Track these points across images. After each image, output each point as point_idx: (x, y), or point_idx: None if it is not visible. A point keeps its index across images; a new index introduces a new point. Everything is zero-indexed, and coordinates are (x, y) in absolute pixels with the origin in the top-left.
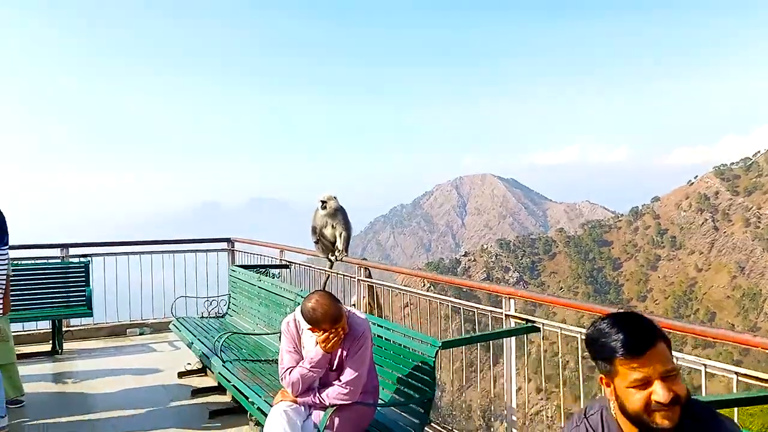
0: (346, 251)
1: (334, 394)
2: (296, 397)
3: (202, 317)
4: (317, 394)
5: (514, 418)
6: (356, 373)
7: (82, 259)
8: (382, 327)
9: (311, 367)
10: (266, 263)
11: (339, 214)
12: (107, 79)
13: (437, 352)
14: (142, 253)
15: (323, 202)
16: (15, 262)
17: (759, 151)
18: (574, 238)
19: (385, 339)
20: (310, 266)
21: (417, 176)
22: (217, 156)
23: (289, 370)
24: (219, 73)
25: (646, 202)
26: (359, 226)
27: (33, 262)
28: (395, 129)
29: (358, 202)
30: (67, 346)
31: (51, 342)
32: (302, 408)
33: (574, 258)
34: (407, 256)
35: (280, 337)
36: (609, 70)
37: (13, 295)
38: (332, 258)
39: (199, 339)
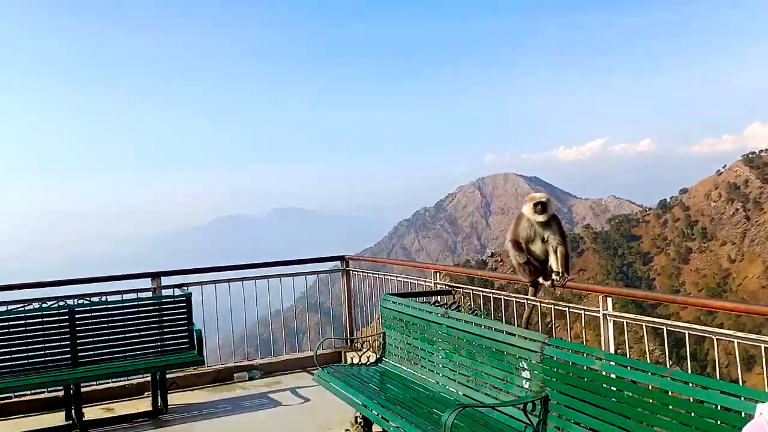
0: (568, 273)
1: None
2: None
3: (353, 364)
4: None
5: None
6: None
7: (180, 291)
8: None
9: None
10: (411, 290)
11: (554, 222)
12: (134, 98)
13: None
14: (245, 279)
15: (540, 204)
16: (96, 298)
17: None
18: (602, 234)
19: None
20: (489, 293)
21: (438, 179)
22: (232, 167)
23: None
24: (226, 83)
25: (674, 194)
26: (383, 231)
27: (121, 297)
28: (412, 131)
29: (380, 207)
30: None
31: (151, 397)
32: None
33: (602, 254)
34: (433, 259)
35: (526, 407)
36: (628, 62)
37: (101, 342)
38: (546, 283)
39: (378, 402)
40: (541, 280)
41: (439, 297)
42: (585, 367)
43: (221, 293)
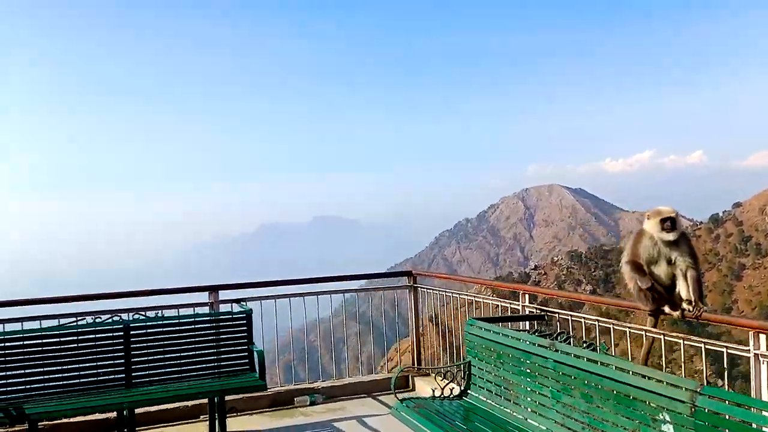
0: (702, 302)
1: None
2: None
3: (434, 397)
4: None
5: None
6: None
7: (239, 306)
8: None
9: None
10: (492, 313)
11: (684, 241)
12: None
13: None
14: (306, 294)
15: (669, 220)
16: (151, 313)
17: None
18: None
19: None
20: (594, 320)
21: (481, 189)
22: (271, 176)
23: None
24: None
25: (727, 209)
26: (424, 242)
27: (177, 312)
28: (453, 141)
29: (422, 217)
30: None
31: (208, 422)
32: None
33: None
34: (474, 271)
35: None
36: (677, 73)
37: (157, 361)
38: (675, 313)
39: None
40: (666, 309)
41: (529, 322)
42: (753, 425)
43: (279, 308)
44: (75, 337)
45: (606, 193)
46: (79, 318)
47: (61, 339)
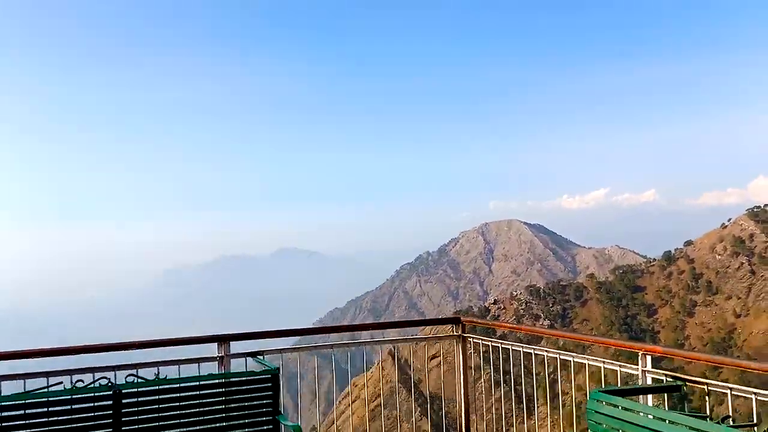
0: None
1: None
2: None
3: None
4: None
5: None
6: None
7: (256, 362)
8: None
9: None
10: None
11: None
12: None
13: None
14: (338, 345)
15: None
16: (147, 370)
17: None
18: (606, 284)
19: None
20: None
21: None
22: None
23: None
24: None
25: (679, 246)
26: (385, 275)
27: (178, 369)
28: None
29: (383, 249)
30: None
31: None
32: None
33: (606, 304)
34: (434, 305)
35: None
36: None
37: None
38: None
39: None
40: None
41: (654, 395)
42: None
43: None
44: (46, 408)
45: (564, 229)
46: (52, 380)
47: (28, 411)
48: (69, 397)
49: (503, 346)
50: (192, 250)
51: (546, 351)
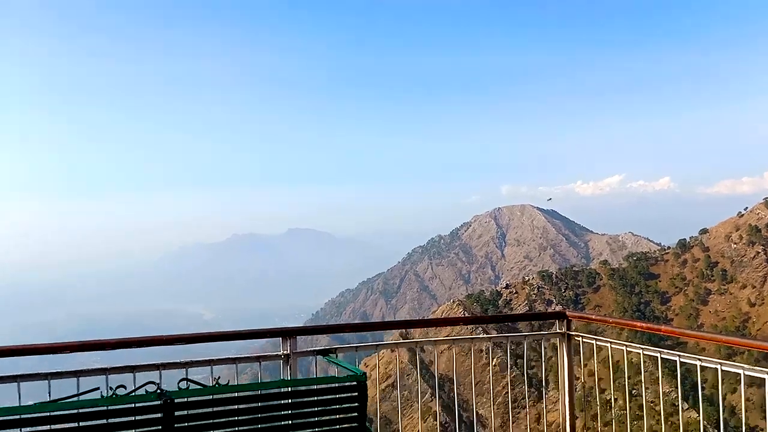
0: None
1: None
2: None
3: None
4: None
5: None
6: None
7: (327, 361)
8: None
9: None
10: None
11: None
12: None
13: None
14: (423, 341)
15: None
16: (198, 371)
17: None
18: (619, 270)
19: None
20: None
21: (454, 206)
22: (246, 186)
23: None
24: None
25: (694, 234)
26: (396, 257)
27: (236, 367)
28: (429, 158)
29: (396, 231)
30: None
31: None
32: None
33: (619, 291)
34: (446, 288)
35: None
36: (650, 99)
37: None
38: None
39: None
40: None
41: None
42: None
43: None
44: (77, 423)
45: (577, 215)
46: (84, 382)
47: (54, 426)
48: (106, 408)
49: (628, 348)
50: (204, 228)
51: (694, 358)
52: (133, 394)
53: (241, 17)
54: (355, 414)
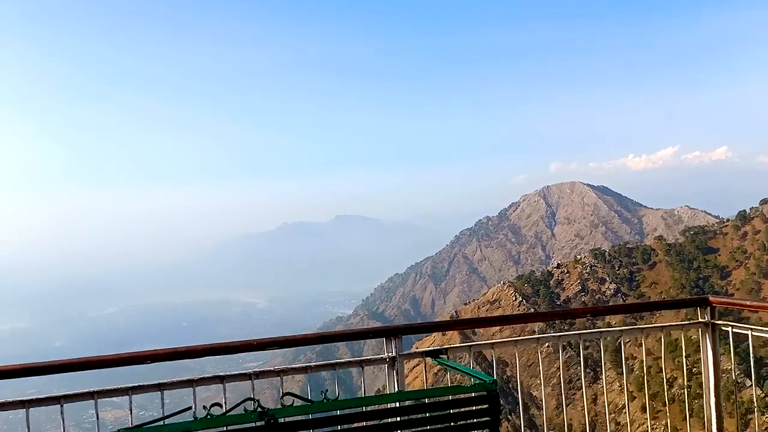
0: None
1: None
2: None
3: None
4: None
5: None
6: None
7: (441, 364)
8: None
9: None
10: None
11: None
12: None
13: None
14: (540, 338)
15: None
16: (295, 378)
17: None
18: (675, 245)
19: None
20: None
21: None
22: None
23: None
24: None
25: (754, 205)
26: (444, 240)
27: (335, 373)
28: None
29: (443, 215)
30: None
31: None
32: None
33: (676, 267)
34: (495, 270)
35: None
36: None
37: None
38: None
39: None
40: None
41: None
42: None
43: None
44: None
45: (629, 191)
46: (167, 396)
47: None
48: (206, 427)
49: None
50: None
51: None
52: (231, 414)
53: (290, 6)
54: (488, 430)
